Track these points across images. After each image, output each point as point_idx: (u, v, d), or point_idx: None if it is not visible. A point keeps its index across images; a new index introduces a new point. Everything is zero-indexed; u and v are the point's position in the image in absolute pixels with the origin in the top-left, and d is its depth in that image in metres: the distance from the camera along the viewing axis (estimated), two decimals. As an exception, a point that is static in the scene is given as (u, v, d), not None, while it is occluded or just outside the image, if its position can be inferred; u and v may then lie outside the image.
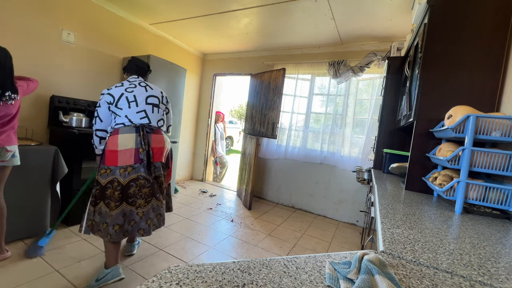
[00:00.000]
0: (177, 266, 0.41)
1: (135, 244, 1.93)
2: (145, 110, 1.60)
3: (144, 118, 1.59)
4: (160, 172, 1.62)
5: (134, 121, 1.57)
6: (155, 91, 1.70)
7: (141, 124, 1.58)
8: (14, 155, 1.59)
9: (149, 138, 1.58)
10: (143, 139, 1.53)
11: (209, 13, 2.69)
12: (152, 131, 1.61)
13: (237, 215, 2.97)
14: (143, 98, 1.62)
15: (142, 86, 1.66)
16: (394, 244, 0.59)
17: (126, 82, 1.67)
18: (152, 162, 1.57)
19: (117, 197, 1.45)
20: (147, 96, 1.64)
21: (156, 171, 1.60)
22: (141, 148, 1.52)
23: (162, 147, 1.63)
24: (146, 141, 1.55)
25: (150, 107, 1.63)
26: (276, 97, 3.09)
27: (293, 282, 0.41)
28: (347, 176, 3.14)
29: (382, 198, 1.03)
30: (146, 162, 1.52)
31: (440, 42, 1.24)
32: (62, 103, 2.37)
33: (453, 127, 0.95)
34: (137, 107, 1.59)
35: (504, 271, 0.51)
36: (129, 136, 1.53)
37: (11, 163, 1.59)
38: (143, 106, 1.60)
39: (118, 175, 1.48)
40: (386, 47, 2.85)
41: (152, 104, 1.64)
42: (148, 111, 1.61)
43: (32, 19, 2.20)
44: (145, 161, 1.51)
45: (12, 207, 1.71)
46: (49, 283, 1.48)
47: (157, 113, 1.66)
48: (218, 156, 4.59)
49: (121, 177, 1.48)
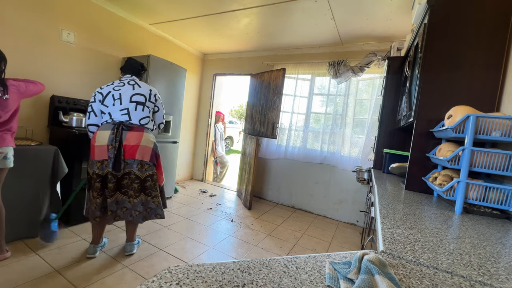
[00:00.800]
0: (177, 266, 0.41)
1: (135, 243, 1.93)
2: (128, 108, 1.69)
3: (125, 115, 1.69)
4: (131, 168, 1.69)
5: (115, 118, 1.69)
6: (143, 89, 1.76)
7: (120, 121, 1.67)
8: (6, 157, 1.54)
9: (123, 135, 1.66)
10: (115, 137, 1.63)
11: (209, 13, 2.69)
12: (130, 128, 1.69)
13: (237, 215, 2.97)
14: (128, 96, 1.70)
15: (130, 85, 1.74)
16: (394, 244, 0.59)
17: (116, 81, 1.78)
18: (123, 159, 1.66)
19: (99, 187, 1.66)
20: (132, 94, 1.71)
21: (128, 167, 1.68)
22: (111, 145, 1.63)
23: (136, 145, 1.68)
24: (119, 138, 1.64)
25: (133, 105, 1.70)
26: (276, 97, 3.09)
27: (293, 282, 0.41)
28: (347, 176, 3.14)
29: (382, 198, 1.03)
30: (113, 159, 1.62)
31: (440, 42, 1.24)
32: (62, 103, 2.37)
33: (453, 127, 0.95)
34: (121, 105, 1.69)
35: (504, 271, 0.51)
36: (105, 133, 1.65)
37: (3, 165, 1.54)
38: (126, 104, 1.69)
39: (96, 168, 1.65)
40: (386, 47, 2.85)
41: (136, 102, 1.71)
42: (131, 109, 1.70)
43: (32, 19, 2.20)
44: (112, 158, 1.62)
45: (12, 207, 1.71)
46: (49, 283, 1.48)
47: (141, 111, 1.73)
48: (218, 156, 4.59)
49: (99, 170, 1.65)
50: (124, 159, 1.66)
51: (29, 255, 1.72)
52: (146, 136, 1.72)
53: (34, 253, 1.74)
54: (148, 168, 1.75)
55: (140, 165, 1.71)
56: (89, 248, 1.80)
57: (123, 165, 1.66)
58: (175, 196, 3.39)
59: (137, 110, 1.71)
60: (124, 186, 1.69)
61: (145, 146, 1.71)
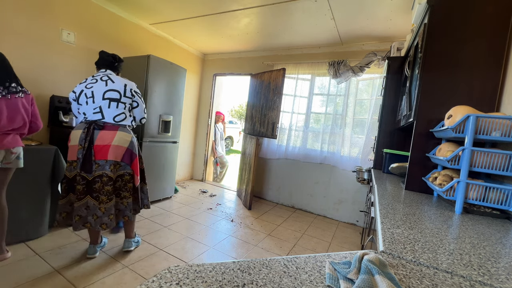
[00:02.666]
0: (177, 266, 0.41)
1: (133, 240, 1.93)
2: (101, 106, 1.61)
3: (97, 113, 1.61)
4: (103, 170, 1.59)
5: (88, 117, 1.62)
6: (117, 84, 1.67)
7: (92, 120, 1.61)
8: (18, 157, 1.58)
9: (94, 135, 1.59)
10: (86, 136, 1.57)
11: (209, 13, 2.69)
12: (102, 127, 1.61)
13: (237, 215, 2.97)
14: (101, 93, 1.62)
15: (103, 81, 1.65)
16: (394, 244, 0.59)
17: (89, 78, 1.69)
18: (93, 160, 1.58)
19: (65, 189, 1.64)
20: (105, 91, 1.63)
21: (99, 169, 1.59)
22: (79, 145, 1.57)
23: (107, 144, 1.59)
24: (89, 138, 1.57)
25: (106, 102, 1.62)
26: (276, 97, 3.09)
27: (293, 282, 0.41)
28: (347, 176, 3.14)
29: (382, 198, 1.03)
30: (81, 160, 1.56)
31: (440, 42, 1.24)
32: (62, 103, 2.37)
33: (453, 127, 0.95)
34: (94, 103, 1.62)
35: (504, 271, 0.51)
36: (78, 132, 1.60)
37: (15, 165, 1.58)
38: (99, 102, 1.62)
39: (67, 169, 1.64)
40: (386, 47, 2.85)
41: (110, 99, 1.63)
42: (104, 107, 1.62)
43: (32, 20, 2.20)
44: (81, 158, 1.56)
45: (12, 207, 1.71)
46: (49, 283, 1.48)
47: (115, 108, 1.64)
48: (218, 156, 4.59)
49: (68, 171, 1.63)
50: (95, 159, 1.58)
51: (29, 255, 1.72)
52: (119, 135, 1.63)
53: (34, 253, 1.74)
54: (119, 168, 1.67)
55: (113, 166, 1.62)
56: (89, 249, 1.78)
57: (94, 166, 1.58)
58: (175, 196, 3.39)
59: (111, 107, 1.62)
60: (96, 190, 1.58)
61: (118, 145, 1.62)
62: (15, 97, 1.52)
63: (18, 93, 1.54)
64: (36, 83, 2.28)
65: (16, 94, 1.52)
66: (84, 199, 1.58)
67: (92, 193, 1.59)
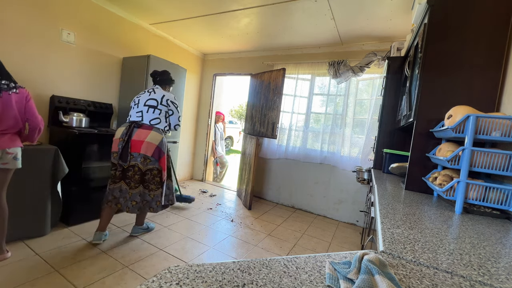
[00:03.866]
0: (177, 266, 0.41)
1: (140, 227, 2.17)
2: (142, 110, 1.99)
3: (139, 116, 1.98)
4: (136, 162, 1.90)
5: (132, 118, 2.01)
6: (157, 95, 2.03)
7: (134, 121, 1.96)
8: (16, 157, 1.57)
9: (133, 132, 1.91)
10: (127, 132, 1.90)
11: (209, 13, 2.69)
12: (140, 126, 1.94)
13: (237, 215, 2.97)
14: (144, 101, 2.01)
15: (148, 92, 2.05)
16: (394, 244, 0.59)
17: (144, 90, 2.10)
18: (129, 152, 1.88)
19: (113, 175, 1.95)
20: (147, 99, 2.01)
21: (133, 160, 1.89)
22: (121, 138, 1.90)
23: (142, 140, 1.89)
24: (129, 133, 1.90)
25: (146, 108, 1.99)
26: (276, 97, 3.09)
27: (293, 282, 0.41)
28: (347, 176, 3.14)
29: (382, 198, 1.03)
30: (120, 151, 1.88)
31: (440, 42, 1.24)
32: (62, 103, 2.37)
33: (453, 127, 0.95)
34: (137, 108, 2.01)
35: (504, 271, 0.51)
36: (121, 129, 1.94)
37: (13, 166, 1.57)
38: (141, 108, 2.00)
39: (112, 158, 1.95)
40: (386, 47, 2.85)
41: (149, 106, 1.99)
42: (144, 111, 1.98)
43: (32, 20, 2.20)
44: (120, 150, 1.88)
45: (12, 207, 1.71)
46: (49, 283, 1.48)
47: (152, 113, 1.98)
48: (218, 156, 4.59)
49: (114, 160, 1.93)
50: (130, 152, 1.88)
51: (29, 255, 1.72)
52: (152, 134, 1.92)
53: (34, 253, 1.74)
54: (149, 163, 1.92)
55: (143, 158, 1.90)
56: (95, 235, 1.94)
57: (129, 157, 1.87)
58: (175, 196, 3.39)
59: (149, 112, 1.97)
60: (128, 177, 1.90)
61: (150, 142, 1.90)
62: (8, 93, 1.50)
63: (11, 89, 1.52)
64: (36, 83, 2.28)
65: (9, 91, 1.50)
66: (119, 183, 1.93)
67: (125, 179, 1.92)
